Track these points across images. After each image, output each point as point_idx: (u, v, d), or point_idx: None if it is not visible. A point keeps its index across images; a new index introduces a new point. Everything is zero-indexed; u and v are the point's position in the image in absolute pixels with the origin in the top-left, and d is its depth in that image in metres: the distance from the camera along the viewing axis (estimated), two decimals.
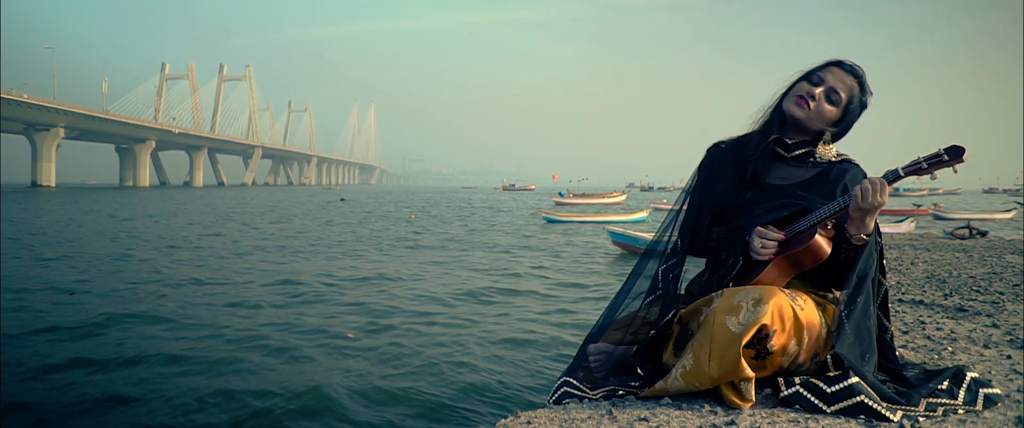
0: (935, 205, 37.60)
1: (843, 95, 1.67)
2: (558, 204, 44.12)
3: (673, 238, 1.82)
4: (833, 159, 1.71)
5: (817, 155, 1.71)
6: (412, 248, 16.38)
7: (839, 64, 1.70)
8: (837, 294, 1.66)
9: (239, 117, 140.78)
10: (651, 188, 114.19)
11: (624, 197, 49.89)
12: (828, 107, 1.67)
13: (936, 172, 1.46)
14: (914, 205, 35.71)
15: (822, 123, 1.69)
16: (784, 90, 1.74)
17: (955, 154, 1.42)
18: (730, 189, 1.75)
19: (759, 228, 1.60)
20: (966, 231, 8.44)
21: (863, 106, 1.71)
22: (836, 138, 1.73)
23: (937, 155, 1.44)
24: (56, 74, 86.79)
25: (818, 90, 1.67)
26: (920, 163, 1.46)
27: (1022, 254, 5.35)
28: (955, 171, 1.46)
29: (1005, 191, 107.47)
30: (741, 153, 1.76)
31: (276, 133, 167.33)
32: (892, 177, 1.49)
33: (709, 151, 1.85)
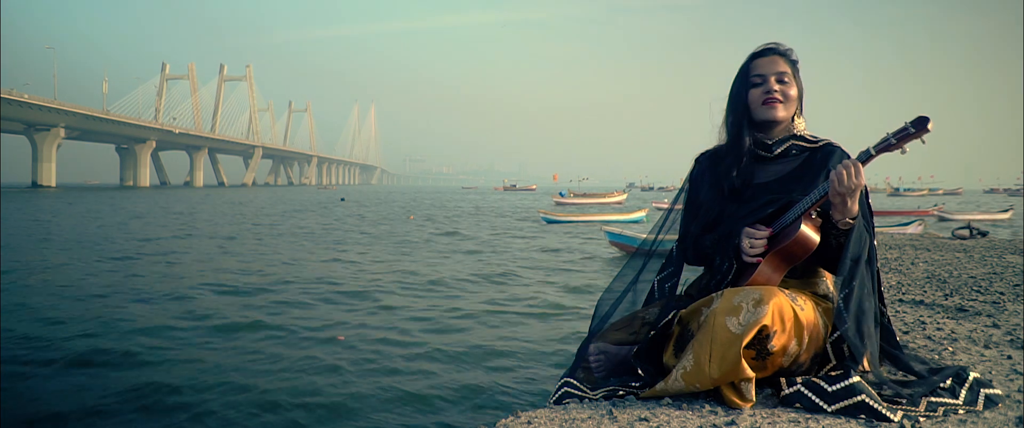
0: (936, 206, 37.55)
1: (788, 69, 1.72)
2: (558, 204, 44.12)
3: (667, 239, 1.84)
4: (807, 134, 1.74)
5: (796, 132, 1.74)
6: (409, 248, 16.37)
7: (757, 55, 1.74)
8: (829, 283, 1.66)
9: (239, 117, 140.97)
10: (652, 188, 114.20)
11: (624, 197, 49.89)
12: (790, 90, 1.72)
13: (905, 145, 1.47)
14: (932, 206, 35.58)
15: (793, 106, 1.74)
16: (737, 108, 1.75)
17: (920, 125, 1.44)
18: (717, 197, 1.77)
19: (747, 229, 1.62)
20: (967, 231, 8.41)
21: (796, 64, 1.75)
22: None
23: (904, 128, 1.46)
24: (56, 74, 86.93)
25: (772, 83, 1.70)
26: (889, 139, 1.48)
27: (1022, 254, 5.34)
28: (923, 141, 1.47)
29: (1006, 191, 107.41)
30: (722, 167, 1.77)
31: (276, 133, 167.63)
32: (865, 157, 1.52)
33: (697, 161, 1.88)
